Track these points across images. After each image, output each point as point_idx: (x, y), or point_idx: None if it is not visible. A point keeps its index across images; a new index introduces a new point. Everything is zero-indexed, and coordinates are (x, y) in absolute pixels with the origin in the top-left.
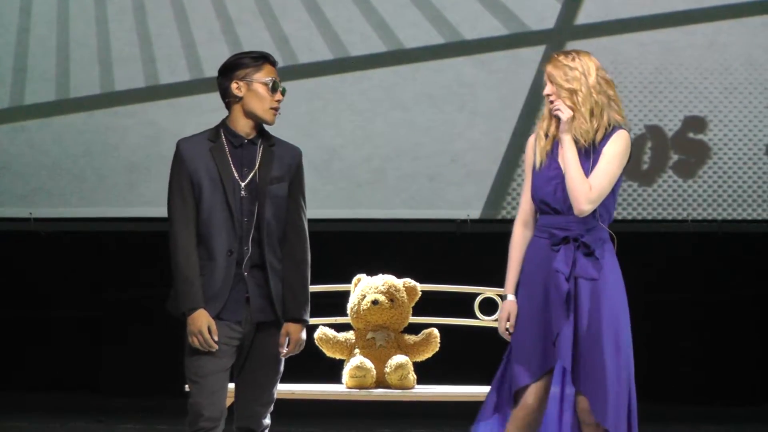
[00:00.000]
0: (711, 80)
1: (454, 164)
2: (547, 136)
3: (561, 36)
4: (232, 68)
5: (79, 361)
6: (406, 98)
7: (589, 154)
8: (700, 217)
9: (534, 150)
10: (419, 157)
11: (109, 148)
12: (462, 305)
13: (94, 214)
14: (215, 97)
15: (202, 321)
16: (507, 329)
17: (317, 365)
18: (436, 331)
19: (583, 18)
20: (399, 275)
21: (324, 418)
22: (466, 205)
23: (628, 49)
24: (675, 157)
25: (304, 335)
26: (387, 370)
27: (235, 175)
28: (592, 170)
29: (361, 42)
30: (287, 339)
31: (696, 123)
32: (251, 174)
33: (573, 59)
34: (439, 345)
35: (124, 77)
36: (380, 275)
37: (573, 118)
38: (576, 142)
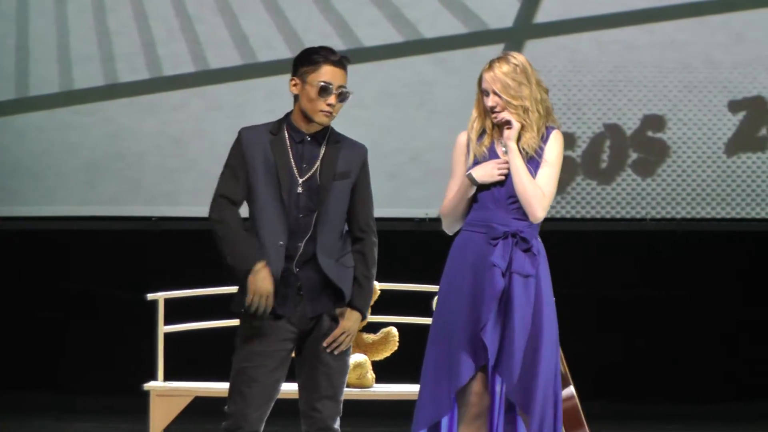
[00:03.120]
0: (670, 79)
1: (413, 162)
2: (484, 132)
3: (520, 34)
4: (297, 64)
5: (38, 360)
6: (365, 96)
7: (532, 158)
8: (659, 216)
9: (467, 148)
10: (378, 156)
11: (69, 146)
12: (421, 304)
13: (53, 212)
14: (174, 96)
15: (266, 277)
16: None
17: None
18: (394, 330)
19: (542, 17)
20: None
21: (281, 417)
22: (425, 203)
23: (587, 47)
24: (634, 156)
25: (355, 327)
26: None
27: (295, 170)
28: (535, 173)
29: (321, 40)
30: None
31: (655, 121)
32: (311, 171)
33: (515, 69)
34: (397, 344)
35: (83, 75)
36: None
37: (522, 131)
38: (520, 151)
